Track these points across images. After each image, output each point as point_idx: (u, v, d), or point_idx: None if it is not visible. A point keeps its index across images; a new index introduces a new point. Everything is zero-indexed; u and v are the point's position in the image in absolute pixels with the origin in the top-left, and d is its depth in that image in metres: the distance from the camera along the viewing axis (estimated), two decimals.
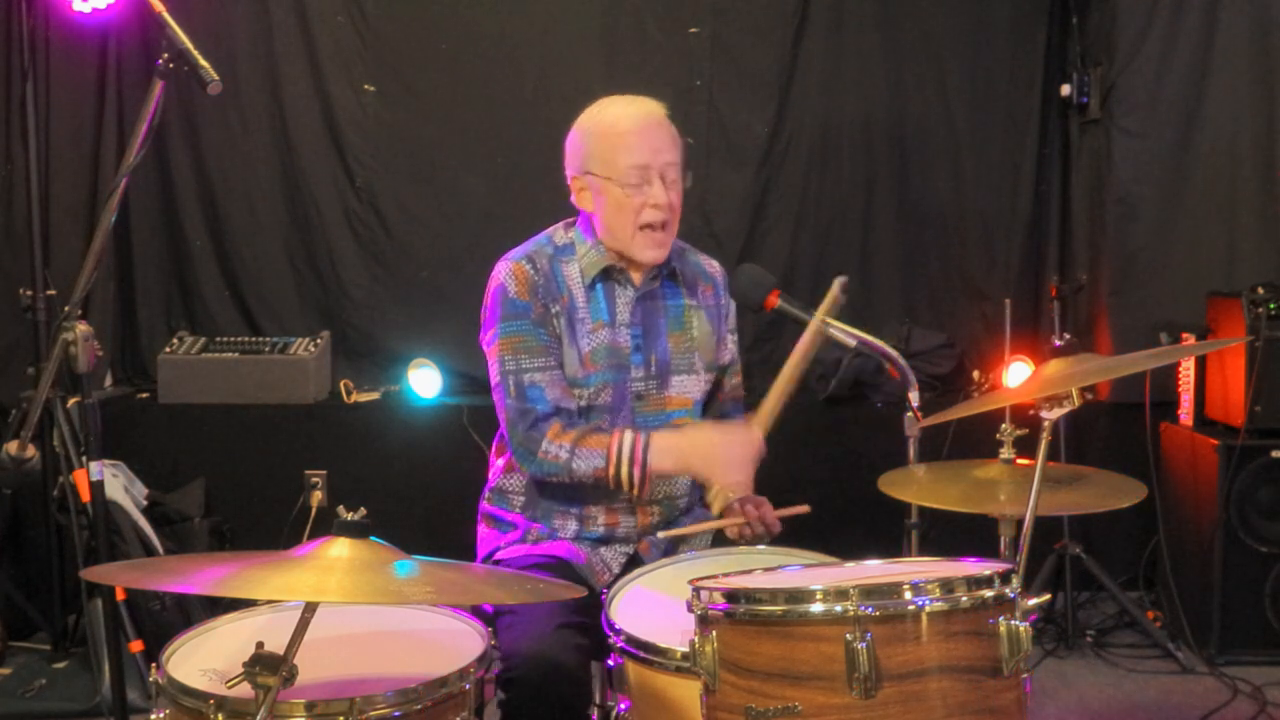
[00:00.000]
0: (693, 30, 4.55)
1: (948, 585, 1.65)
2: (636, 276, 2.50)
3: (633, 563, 2.47)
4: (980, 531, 2.30)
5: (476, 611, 2.20)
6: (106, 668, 3.29)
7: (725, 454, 2.32)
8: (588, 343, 2.45)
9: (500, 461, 2.58)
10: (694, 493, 2.57)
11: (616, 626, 2.02)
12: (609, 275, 2.48)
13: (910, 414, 2.41)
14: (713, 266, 2.66)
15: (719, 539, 2.51)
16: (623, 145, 2.39)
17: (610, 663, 2.05)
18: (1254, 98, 4.26)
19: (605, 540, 2.48)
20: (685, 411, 2.52)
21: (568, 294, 2.45)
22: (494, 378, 2.44)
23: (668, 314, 2.53)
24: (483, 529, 2.62)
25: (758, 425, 2.38)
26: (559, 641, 2.13)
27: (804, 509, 2.44)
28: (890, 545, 2.40)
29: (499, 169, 4.55)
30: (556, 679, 2.10)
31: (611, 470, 2.34)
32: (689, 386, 2.53)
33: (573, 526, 2.48)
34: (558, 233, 2.53)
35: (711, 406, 2.67)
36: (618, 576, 2.40)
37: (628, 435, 2.35)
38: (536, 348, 2.40)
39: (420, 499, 4.15)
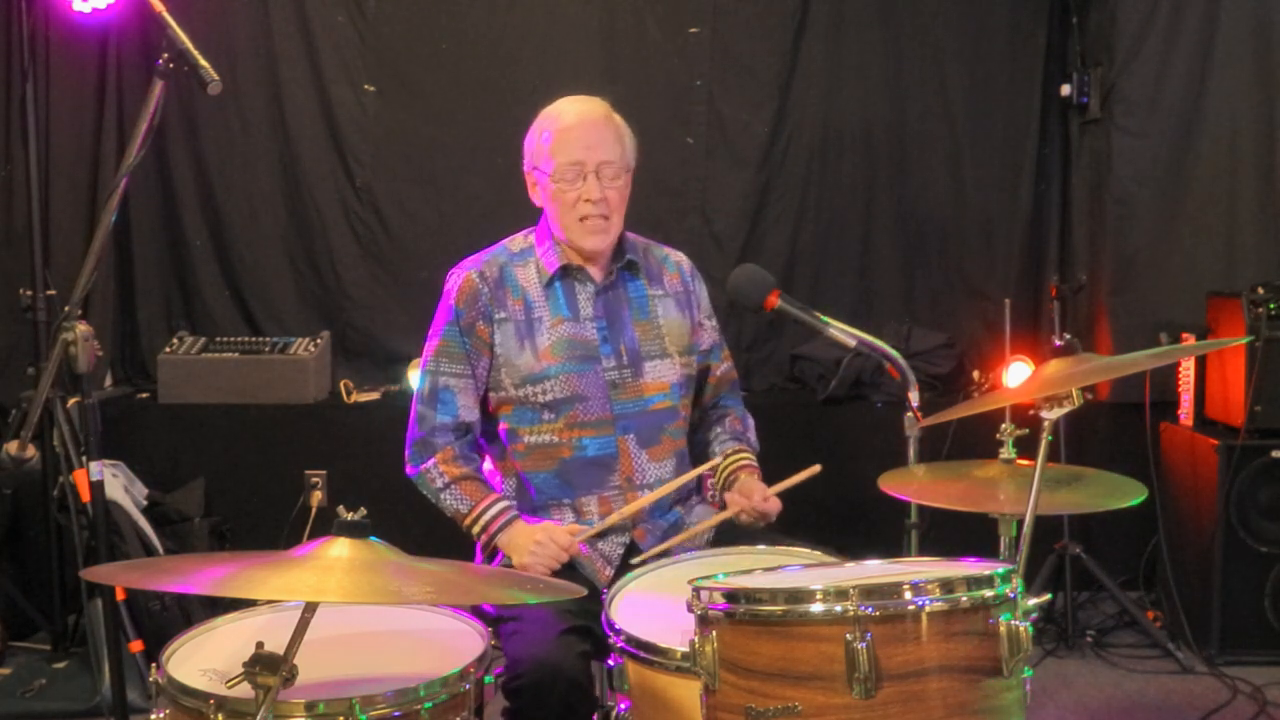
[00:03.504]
0: (693, 30, 4.55)
1: (948, 585, 1.65)
2: (595, 272, 2.55)
3: (631, 550, 2.49)
4: (980, 531, 2.30)
5: (477, 612, 2.21)
6: (106, 668, 3.29)
7: (521, 556, 2.40)
8: (546, 338, 2.50)
9: (488, 465, 2.60)
10: (681, 473, 2.57)
11: (616, 626, 2.02)
12: (567, 273, 2.54)
13: (910, 414, 2.41)
14: (677, 256, 2.72)
15: (723, 539, 2.53)
16: (559, 141, 2.49)
17: (610, 663, 2.05)
18: (1254, 98, 4.25)
19: (600, 534, 2.48)
20: (663, 395, 2.55)
21: (522, 296, 2.52)
22: (420, 373, 2.56)
23: (631, 305, 2.58)
24: None
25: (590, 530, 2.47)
26: (563, 648, 2.14)
27: (814, 469, 2.46)
28: (890, 545, 2.40)
29: (499, 169, 4.54)
30: (561, 686, 2.11)
31: (467, 523, 2.48)
32: (664, 371, 2.56)
33: (569, 518, 2.50)
34: (516, 240, 2.62)
35: (705, 393, 2.70)
36: (619, 571, 2.42)
37: (496, 506, 2.46)
38: (457, 354, 2.50)
39: (420, 499, 4.13)
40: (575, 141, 2.48)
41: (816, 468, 2.47)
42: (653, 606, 2.13)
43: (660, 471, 2.53)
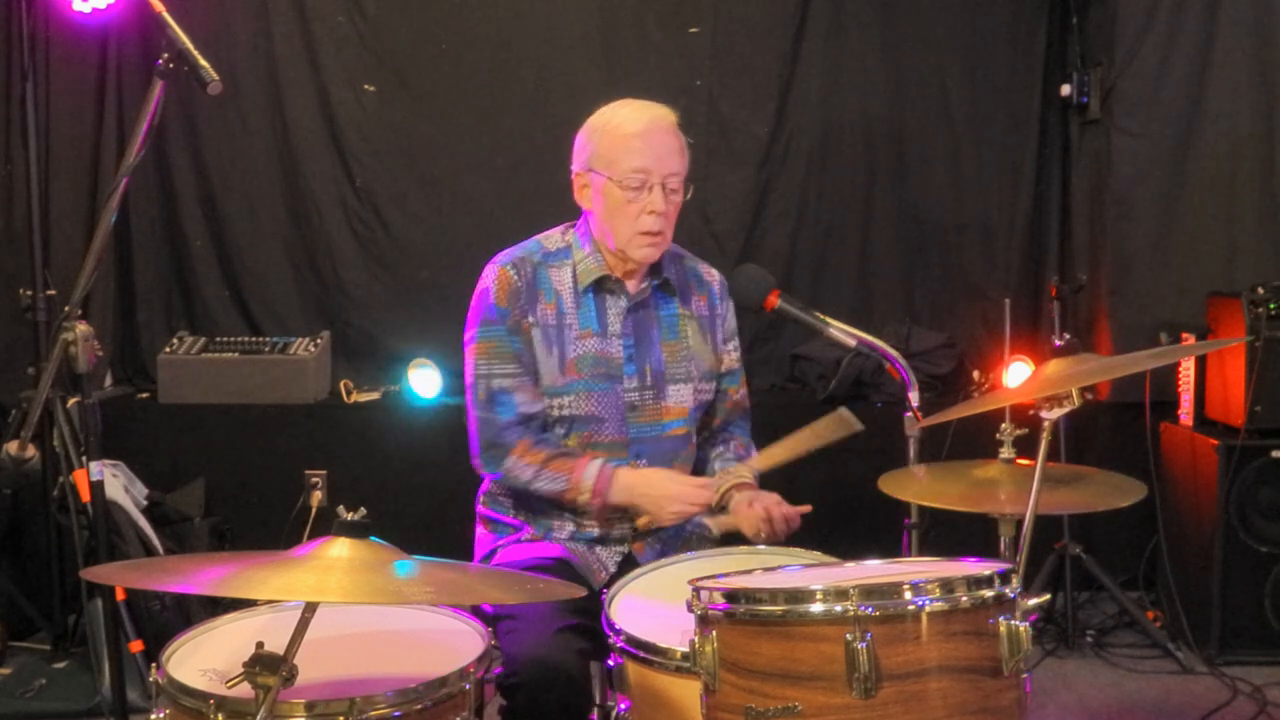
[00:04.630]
0: (693, 30, 4.55)
1: (948, 585, 1.65)
2: (630, 285, 2.50)
3: (627, 562, 2.48)
4: (980, 531, 2.30)
5: (476, 612, 2.21)
6: (106, 668, 3.29)
7: (671, 505, 2.36)
8: (573, 349, 2.45)
9: None
10: None
11: (616, 626, 2.02)
12: (602, 285, 2.49)
13: (910, 414, 2.42)
14: (710, 275, 2.65)
15: (733, 539, 2.51)
16: (627, 147, 2.40)
17: (610, 663, 2.05)
18: (1254, 98, 4.26)
19: (600, 540, 2.48)
20: (682, 421, 2.52)
21: (554, 299, 2.47)
22: (468, 379, 2.48)
23: (661, 324, 2.54)
24: (480, 530, 2.63)
25: (727, 482, 2.45)
26: (559, 645, 2.14)
27: (805, 509, 2.45)
28: (890, 545, 2.40)
29: (499, 169, 4.55)
30: (557, 683, 2.10)
31: (570, 496, 2.40)
32: (685, 395, 2.53)
33: (569, 528, 2.49)
34: (553, 237, 2.54)
35: (716, 415, 2.66)
36: (614, 576, 2.41)
37: (593, 467, 2.39)
38: (508, 354, 2.44)
39: (420, 499, 4.15)
40: (645, 149, 2.39)
41: (807, 507, 2.45)
42: (653, 606, 2.13)
43: None
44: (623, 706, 2.03)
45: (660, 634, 1.95)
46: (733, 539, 2.49)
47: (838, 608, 1.63)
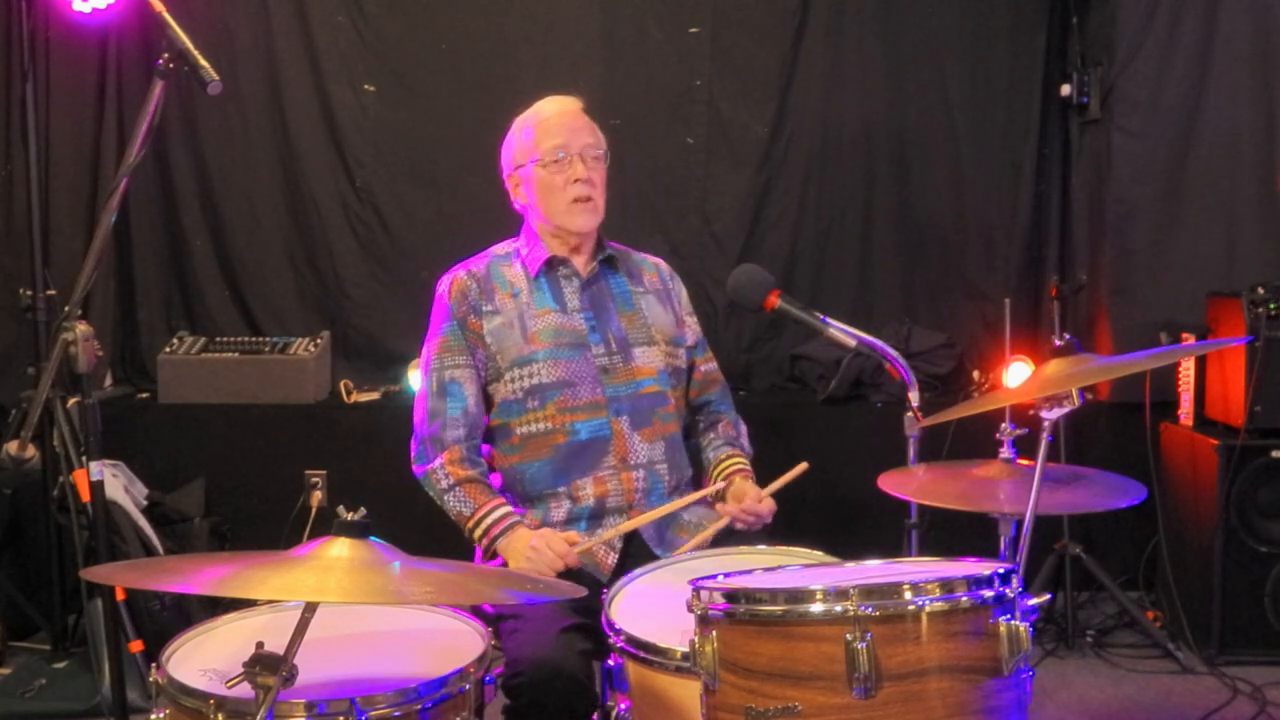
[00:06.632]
0: (693, 30, 4.55)
1: (948, 585, 1.65)
2: (579, 264, 2.62)
3: (633, 538, 2.50)
4: (980, 531, 2.31)
5: (476, 610, 2.21)
6: (106, 668, 3.29)
7: (524, 565, 2.37)
8: (535, 324, 2.56)
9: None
10: (672, 460, 2.59)
11: (616, 626, 2.02)
12: (553, 267, 2.61)
13: (910, 414, 2.42)
14: (655, 259, 2.82)
15: (723, 539, 2.52)
16: (545, 130, 2.60)
17: (610, 663, 2.05)
18: (1254, 98, 4.25)
19: (598, 514, 2.49)
20: (652, 380, 2.59)
21: (510, 289, 2.59)
22: (423, 374, 2.60)
23: (615, 298, 2.65)
24: None
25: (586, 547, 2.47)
26: (563, 646, 2.15)
27: (803, 467, 2.50)
28: (890, 545, 2.40)
29: (499, 169, 4.53)
30: (561, 684, 2.11)
31: (469, 526, 2.49)
32: (652, 357, 2.61)
33: (565, 505, 2.50)
34: (502, 246, 2.71)
35: (691, 389, 2.73)
36: (620, 565, 2.43)
37: (498, 511, 2.46)
38: (457, 347, 2.56)
39: (420, 499, 4.12)
40: (559, 129, 2.59)
41: (804, 465, 2.49)
42: (653, 606, 2.13)
43: (652, 453, 2.55)
44: (623, 707, 2.03)
45: (660, 634, 1.96)
46: (734, 539, 2.49)
47: (838, 608, 1.63)
